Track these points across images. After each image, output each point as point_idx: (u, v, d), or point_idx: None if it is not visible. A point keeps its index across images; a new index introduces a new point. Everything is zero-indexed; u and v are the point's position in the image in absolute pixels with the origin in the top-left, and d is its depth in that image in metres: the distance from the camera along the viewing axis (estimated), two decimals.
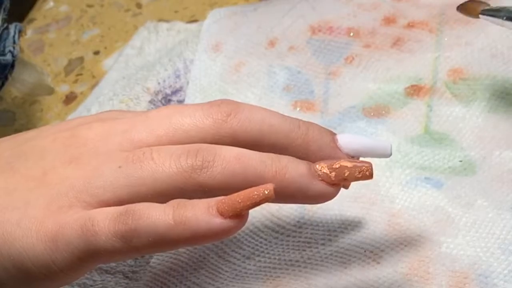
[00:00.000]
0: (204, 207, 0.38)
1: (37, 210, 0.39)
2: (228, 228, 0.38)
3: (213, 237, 0.38)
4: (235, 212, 0.37)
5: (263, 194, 0.37)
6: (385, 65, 0.56)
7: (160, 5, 0.71)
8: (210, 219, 0.37)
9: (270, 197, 0.37)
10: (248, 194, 0.38)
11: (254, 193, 0.37)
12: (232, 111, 0.41)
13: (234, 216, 0.37)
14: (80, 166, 0.40)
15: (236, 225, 0.38)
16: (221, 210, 0.37)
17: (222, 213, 0.37)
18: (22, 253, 0.39)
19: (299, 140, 0.42)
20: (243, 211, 0.37)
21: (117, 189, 0.39)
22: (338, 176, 0.41)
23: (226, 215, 0.37)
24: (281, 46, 0.59)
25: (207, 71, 0.59)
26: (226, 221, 0.37)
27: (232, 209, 0.37)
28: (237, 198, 0.38)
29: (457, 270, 0.45)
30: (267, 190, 0.37)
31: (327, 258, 0.47)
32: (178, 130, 0.41)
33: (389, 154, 0.43)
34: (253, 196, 0.37)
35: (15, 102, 0.67)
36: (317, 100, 0.56)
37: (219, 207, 0.37)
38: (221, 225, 0.37)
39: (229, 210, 0.37)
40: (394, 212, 0.48)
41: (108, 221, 0.38)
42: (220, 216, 0.37)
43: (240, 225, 0.38)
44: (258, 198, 0.37)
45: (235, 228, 0.38)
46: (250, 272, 0.48)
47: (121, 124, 0.42)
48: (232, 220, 0.37)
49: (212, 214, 0.37)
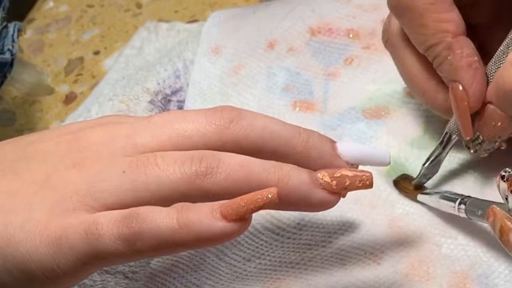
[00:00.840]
0: (207, 210, 0.38)
1: (41, 213, 0.39)
2: (231, 231, 0.38)
3: (217, 240, 0.38)
4: (239, 216, 0.38)
5: (267, 198, 0.38)
6: (384, 66, 0.56)
7: (160, 5, 0.71)
8: (214, 223, 0.38)
9: (274, 201, 0.38)
10: (252, 198, 0.38)
11: (258, 197, 0.38)
12: (235, 117, 0.41)
13: (237, 220, 0.38)
14: (83, 170, 0.40)
15: (239, 229, 0.38)
16: (224, 213, 0.38)
17: (226, 217, 0.38)
18: (26, 256, 0.39)
19: (300, 147, 0.42)
20: (246, 214, 0.38)
21: (121, 194, 0.39)
22: (339, 185, 0.41)
23: (229, 218, 0.38)
24: (280, 47, 0.60)
25: (207, 74, 0.59)
26: (229, 225, 0.38)
27: (236, 213, 0.38)
28: (240, 202, 0.38)
29: (457, 270, 0.46)
30: (271, 194, 0.38)
31: (327, 259, 0.48)
32: (181, 136, 0.41)
33: (388, 162, 0.44)
34: (256, 199, 0.38)
35: (15, 102, 0.67)
36: (317, 101, 0.56)
37: (222, 211, 0.38)
38: (224, 228, 0.38)
39: (233, 214, 0.38)
40: (395, 216, 0.49)
41: (112, 224, 0.38)
42: (224, 219, 0.38)
43: (244, 228, 0.38)
44: (261, 201, 0.38)
45: (238, 231, 0.38)
46: (251, 274, 0.48)
47: (124, 129, 0.42)
48: (235, 223, 0.38)
49: (215, 218, 0.38)
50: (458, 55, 0.46)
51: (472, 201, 0.45)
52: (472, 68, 0.46)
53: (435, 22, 0.46)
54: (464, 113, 0.46)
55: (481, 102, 0.46)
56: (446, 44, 0.46)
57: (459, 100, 0.46)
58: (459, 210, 0.45)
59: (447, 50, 0.46)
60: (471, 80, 0.45)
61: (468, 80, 0.45)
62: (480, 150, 0.47)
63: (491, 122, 0.46)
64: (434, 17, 0.46)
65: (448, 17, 0.46)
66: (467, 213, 0.45)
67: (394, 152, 0.52)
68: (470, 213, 0.45)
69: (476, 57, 0.46)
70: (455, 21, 0.46)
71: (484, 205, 0.43)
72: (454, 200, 0.46)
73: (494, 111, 0.46)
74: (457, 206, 0.45)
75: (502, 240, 0.38)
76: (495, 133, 0.46)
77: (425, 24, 0.46)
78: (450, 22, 0.46)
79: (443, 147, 0.49)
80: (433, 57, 0.47)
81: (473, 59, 0.46)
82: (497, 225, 0.38)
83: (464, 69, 0.45)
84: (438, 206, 0.47)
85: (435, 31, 0.46)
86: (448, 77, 0.46)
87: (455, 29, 0.46)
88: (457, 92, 0.46)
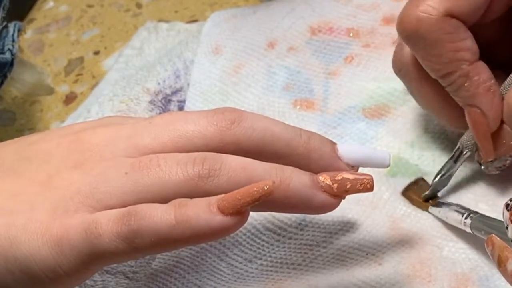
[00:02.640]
0: (205, 205, 0.38)
1: (43, 214, 0.39)
2: (229, 225, 0.38)
3: (215, 235, 0.38)
4: (236, 209, 0.38)
5: (263, 190, 0.38)
6: (384, 64, 0.56)
7: (160, 5, 0.71)
8: (211, 217, 0.38)
9: (270, 193, 0.38)
10: (248, 190, 0.38)
11: (254, 189, 0.38)
12: (236, 119, 0.41)
13: (235, 213, 0.38)
14: (85, 171, 0.40)
15: (237, 223, 0.38)
16: (221, 207, 0.38)
17: (223, 211, 0.38)
18: (28, 256, 0.39)
19: (301, 149, 0.42)
20: (243, 207, 0.38)
21: (124, 195, 0.39)
22: (340, 188, 0.41)
23: (226, 212, 0.38)
24: (280, 47, 0.60)
25: (207, 74, 0.59)
26: (227, 219, 0.38)
27: (233, 206, 0.38)
28: (237, 195, 0.38)
29: (458, 272, 0.46)
30: (267, 186, 0.38)
31: (328, 260, 0.48)
32: (183, 137, 0.41)
33: (388, 164, 0.44)
34: (253, 192, 0.38)
35: (15, 102, 0.67)
36: (317, 99, 0.56)
37: (219, 205, 0.38)
38: (222, 223, 0.38)
39: (230, 207, 0.38)
40: (396, 217, 0.49)
41: (111, 223, 0.38)
42: (221, 213, 0.38)
43: (241, 222, 0.38)
44: (257, 194, 0.38)
45: (236, 225, 0.38)
46: (252, 275, 0.48)
47: (125, 130, 0.42)
48: (233, 217, 0.38)
49: (213, 212, 0.38)
50: (476, 81, 0.45)
51: (478, 217, 0.45)
52: (490, 92, 0.46)
53: (451, 52, 0.45)
54: (485, 136, 0.46)
55: (499, 123, 0.46)
56: (462, 72, 0.45)
57: (479, 124, 0.46)
58: (464, 224, 0.45)
59: (464, 77, 0.45)
60: (489, 105, 0.46)
61: (487, 104, 0.46)
62: (491, 167, 0.48)
63: (502, 141, 0.46)
64: (450, 47, 0.45)
65: (463, 45, 0.45)
66: (472, 229, 0.45)
67: (394, 153, 0.52)
68: (475, 229, 0.45)
69: (493, 80, 0.46)
70: (471, 49, 0.45)
71: (489, 224, 0.44)
72: (462, 214, 0.46)
73: (506, 130, 0.46)
74: (463, 220, 0.46)
75: (500, 269, 0.38)
76: (506, 152, 0.46)
77: (440, 54, 0.45)
78: (466, 51, 0.45)
79: (454, 161, 0.49)
80: (448, 84, 0.46)
81: (490, 83, 0.46)
82: (495, 254, 0.38)
83: (483, 94, 0.45)
84: (447, 220, 0.47)
85: (450, 60, 0.45)
86: (465, 102, 0.46)
87: (471, 57, 0.45)
88: (476, 117, 0.46)
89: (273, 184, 0.38)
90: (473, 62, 0.45)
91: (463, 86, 0.46)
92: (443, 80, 0.46)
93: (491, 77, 0.46)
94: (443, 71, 0.46)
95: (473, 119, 0.46)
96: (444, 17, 0.45)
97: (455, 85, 0.46)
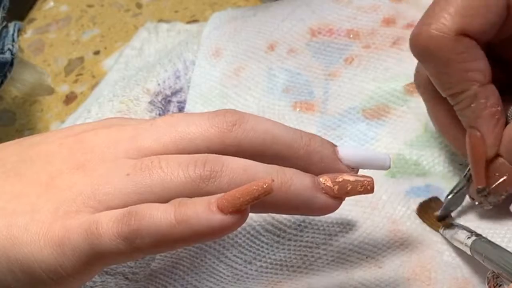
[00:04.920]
0: (204, 204, 0.38)
1: (45, 215, 0.39)
2: (229, 224, 0.38)
3: (215, 234, 0.38)
4: (235, 208, 0.38)
5: (262, 188, 0.38)
6: (384, 64, 0.57)
7: (160, 5, 0.71)
8: (211, 216, 0.38)
9: (269, 191, 0.38)
10: (247, 189, 0.38)
11: (253, 188, 0.38)
12: (237, 121, 0.42)
13: (234, 212, 0.38)
14: (87, 172, 0.40)
15: (237, 221, 0.38)
16: (221, 206, 0.38)
17: (223, 209, 0.38)
18: (30, 257, 0.39)
19: (302, 151, 0.42)
20: (243, 206, 0.38)
21: (125, 196, 0.39)
22: (341, 190, 0.41)
23: (226, 211, 0.38)
24: (280, 49, 0.60)
25: (207, 77, 0.59)
26: (226, 217, 0.38)
27: (232, 205, 0.38)
28: (236, 194, 0.38)
29: (459, 276, 0.46)
30: (266, 184, 0.38)
31: (328, 262, 0.48)
32: (184, 139, 0.41)
33: (388, 166, 0.45)
34: (252, 190, 0.38)
35: (15, 102, 0.67)
36: (317, 101, 0.56)
37: (219, 204, 0.38)
38: (221, 221, 0.38)
39: (229, 206, 0.38)
40: (396, 219, 0.49)
41: (112, 223, 0.38)
42: (221, 212, 0.38)
43: (241, 221, 0.38)
44: (257, 192, 0.38)
45: (236, 224, 0.38)
46: (252, 276, 0.48)
47: (127, 131, 0.42)
48: (232, 216, 0.38)
49: (212, 211, 0.38)
50: (482, 104, 0.45)
51: (478, 242, 0.45)
52: (494, 118, 0.45)
53: (461, 71, 0.45)
54: (480, 160, 0.46)
55: (496, 151, 0.46)
56: (471, 92, 0.45)
57: (476, 148, 0.46)
58: (465, 246, 0.45)
59: (471, 98, 0.45)
60: (490, 130, 0.45)
61: (488, 129, 0.45)
62: (485, 202, 0.47)
63: (495, 173, 0.46)
64: (460, 67, 0.45)
65: (474, 66, 0.45)
66: (471, 251, 0.45)
67: (394, 153, 0.52)
68: (476, 253, 0.44)
69: (500, 107, 0.45)
70: (482, 70, 0.45)
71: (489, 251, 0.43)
72: (466, 236, 0.46)
73: (503, 164, 0.46)
74: (465, 241, 0.45)
75: None
76: (503, 187, 0.46)
77: (450, 73, 0.45)
78: (476, 71, 0.45)
79: (467, 180, 0.48)
80: (456, 103, 0.46)
81: (496, 109, 0.45)
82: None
83: (486, 118, 0.45)
84: (451, 239, 0.47)
85: (460, 80, 0.45)
86: (468, 123, 0.46)
87: (482, 78, 0.45)
88: (475, 140, 0.46)
89: (272, 182, 0.38)
90: (484, 84, 0.45)
91: (469, 107, 0.45)
92: (452, 98, 0.46)
93: (498, 103, 0.45)
94: (452, 90, 0.45)
95: (471, 142, 0.46)
96: (456, 36, 0.44)
97: (462, 104, 0.46)
